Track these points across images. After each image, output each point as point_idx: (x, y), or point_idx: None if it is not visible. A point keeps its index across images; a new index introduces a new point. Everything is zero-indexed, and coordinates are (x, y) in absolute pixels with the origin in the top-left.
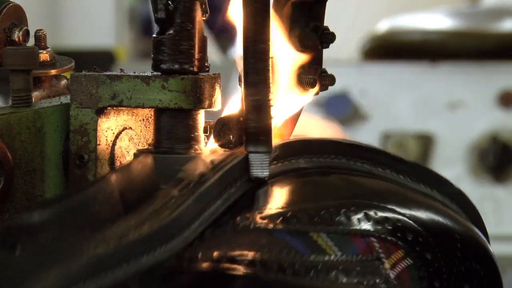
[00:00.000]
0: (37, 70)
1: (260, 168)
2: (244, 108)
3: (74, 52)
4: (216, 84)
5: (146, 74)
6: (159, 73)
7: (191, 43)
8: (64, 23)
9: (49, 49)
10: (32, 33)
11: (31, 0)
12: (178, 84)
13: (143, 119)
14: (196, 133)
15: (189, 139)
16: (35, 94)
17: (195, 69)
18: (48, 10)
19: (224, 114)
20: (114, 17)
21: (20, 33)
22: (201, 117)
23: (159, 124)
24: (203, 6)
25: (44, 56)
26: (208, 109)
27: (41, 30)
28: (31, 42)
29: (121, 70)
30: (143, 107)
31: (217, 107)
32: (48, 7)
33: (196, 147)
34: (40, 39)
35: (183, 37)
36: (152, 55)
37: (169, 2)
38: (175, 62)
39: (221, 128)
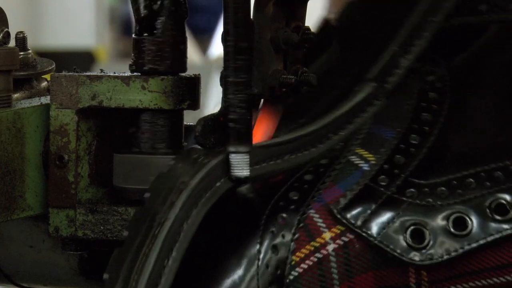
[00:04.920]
0: (18, 72)
1: (240, 168)
2: (224, 108)
3: (55, 53)
4: (196, 84)
5: (126, 75)
6: (139, 74)
7: (173, 44)
8: (44, 24)
9: (29, 51)
10: (12, 35)
11: (11, 0)
12: (158, 85)
13: (123, 120)
14: (177, 134)
15: (169, 140)
16: (16, 96)
17: (175, 69)
18: (28, 10)
19: (204, 114)
20: (95, 17)
21: (1, 35)
22: (181, 118)
23: (140, 125)
24: (184, 7)
25: (24, 58)
26: (188, 110)
27: (21, 32)
28: (11, 44)
29: (101, 70)
30: (123, 107)
31: (197, 107)
32: (28, 7)
33: (177, 147)
34: (21, 41)
35: (166, 37)
36: (132, 56)
37: (152, 2)
38: (155, 62)
39: (202, 129)
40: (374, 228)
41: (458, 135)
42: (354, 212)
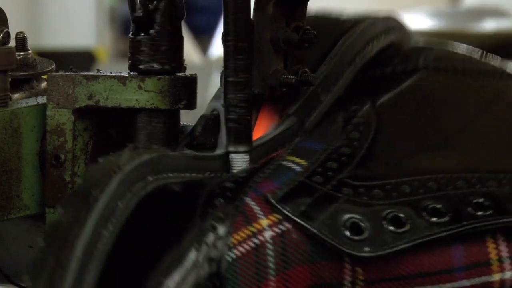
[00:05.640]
0: (18, 72)
1: (240, 168)
2: (224, 108)
3: (55, 53)
4: (193, 84)
5: (122, 74)
6: (136, 74)
7: (169, 44)
8: (44, 24)
9: (29, 51)
10: (12, 35)
11: (11, 0)
12: (154, 84)
13: (120, 120)
14: (173, 134)
15: (166, 140)
16: (16, 97)
17: (172, 69)
18: (28, 10)
19: (205, 114)
20: (95, 17)
21: (1, 35)
22: (177, 118)
23: (136, 125)
24: (181, 7)
25: (24, 58)
26: (185, 109)
27: (21, 32)
28: (11, 44)
29: (98, 70)
30: (119, 107)
31: (194, 107)
32: (28, 7)
33: (173, 147)
34: (21, 42)
35: (163, 37)
36: (129, 55)
37: (148, 2)
38: (152, 62)
39: (202, 129)
40: (312, 218)
41: (385, 150)
42: (291, 203)
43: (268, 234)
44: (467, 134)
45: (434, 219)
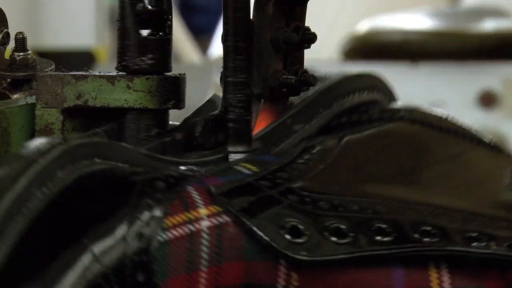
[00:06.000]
0: (17, 72)
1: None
2: (224, 107)
3: (55, 53)
4: (181, 84)
5: (111, 74)
6: (125, 73)
7: (157, 43)
8: (44, 24)
9: (29, 51)
10: (12, 36)
11: (11, 0)
12: (143, 84)
13: (109, 119)
14: (162, 133)
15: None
16: (15, 97)
17: (160, 69)
18: (28, 10)
19: (204, 115)
20: (95, 17)
21: (0, 35)
22: (166, 117)
23: (125, 124)
24: (169, 7)
25: (24, 59)
26: (173, 109)
27: (21, 32)
28: (11, 44)
29: (86, 69)
30: (108, 106)
31: (182, 107)
32: (28, 7)
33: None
34: (20, 42)
35: (150, 37)
36: (117, 55)
37: (135, 2)
38: (140, 62)
39: (202, 129)
40: (252, 215)
41: (340, 173)
42: (234, 198)
43: (205, 223)
44: (426, 176)
45: (378, 238)
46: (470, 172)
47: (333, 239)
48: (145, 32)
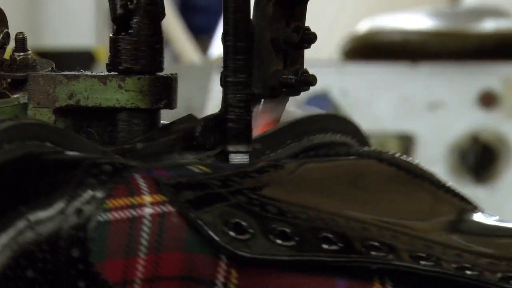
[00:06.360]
0: (17, 73)
1: None
2: (224, 107)
3: (55, 53)
4: (173, 83)
5: (103, 74)
6: (116, 73)
7: (148, 43)
8: (44, 24)
9: (29, 52)
10: (12, 36)
11: (11, 0)
12: (134, 84)
13: (102, 119)
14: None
15: None
16: (15, 97)
17: (152, 69)
18: (28, 10)
19: (205, 115)
20: (95, 17)
21: (0, 35)
22: (158, 117)
23: (117, 124)
24: (161, 7)
25: (24, 59)
26: (165, 109)
27: (21, 32)
28: (11, 45)
29: (79, 69)
30: (100, 106)
31: (174, 107)
32: (28, 7)
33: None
34: (20, 42)
35: (141, 37)
36: (109, 55)
37: (127, 1)
38: (132, 62)
39: (202, 129)
40: (197, 208)
41: (293, 189)
42: (181, 190)
43: (147, 210)
44: (379, 202)
45: (324, 246)
46: (423, 204)
47: (278, 241)
48: (136, 32)
